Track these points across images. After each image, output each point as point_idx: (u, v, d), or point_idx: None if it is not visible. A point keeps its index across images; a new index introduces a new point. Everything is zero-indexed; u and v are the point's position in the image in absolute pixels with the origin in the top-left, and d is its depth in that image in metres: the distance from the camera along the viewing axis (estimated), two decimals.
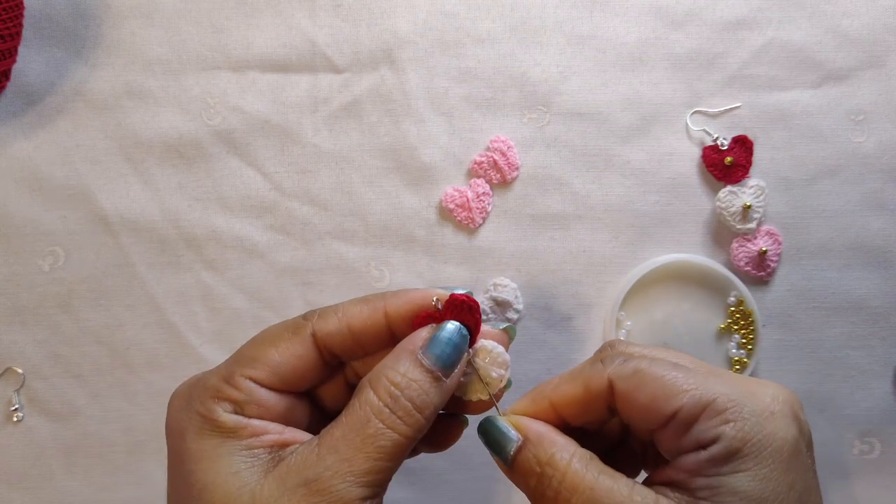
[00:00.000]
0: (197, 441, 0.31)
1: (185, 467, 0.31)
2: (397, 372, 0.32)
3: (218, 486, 0.30)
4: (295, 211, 0.55)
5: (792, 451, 0.30)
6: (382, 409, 0.31)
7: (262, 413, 0.32)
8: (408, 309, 0.34)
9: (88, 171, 0.55)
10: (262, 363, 0.33)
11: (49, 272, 0.55)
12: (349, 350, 0.35)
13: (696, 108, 0.56)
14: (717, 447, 0.30)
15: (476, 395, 0.35)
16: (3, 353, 0.54)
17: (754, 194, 0.55)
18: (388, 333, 0.35)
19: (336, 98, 0.56)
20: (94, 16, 0.56)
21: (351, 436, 0.31)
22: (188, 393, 0.33)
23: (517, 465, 0.33)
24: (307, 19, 0.56)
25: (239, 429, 0.31)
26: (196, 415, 0.32)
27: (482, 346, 0.35)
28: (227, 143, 0.56)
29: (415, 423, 0.31)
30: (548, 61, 0.56)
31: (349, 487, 0.30)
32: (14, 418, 0.54)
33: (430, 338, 0.33)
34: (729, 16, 0.56)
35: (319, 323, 0.34)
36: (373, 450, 0.30)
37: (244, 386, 0.32)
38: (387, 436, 0.31)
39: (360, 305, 0.35)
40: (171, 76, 0.56)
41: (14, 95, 0.55)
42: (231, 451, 0.31)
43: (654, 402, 0.31)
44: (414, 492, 0.54)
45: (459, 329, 0.33)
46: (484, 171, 0.55)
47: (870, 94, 0.56)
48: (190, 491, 0.31)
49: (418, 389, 0.32)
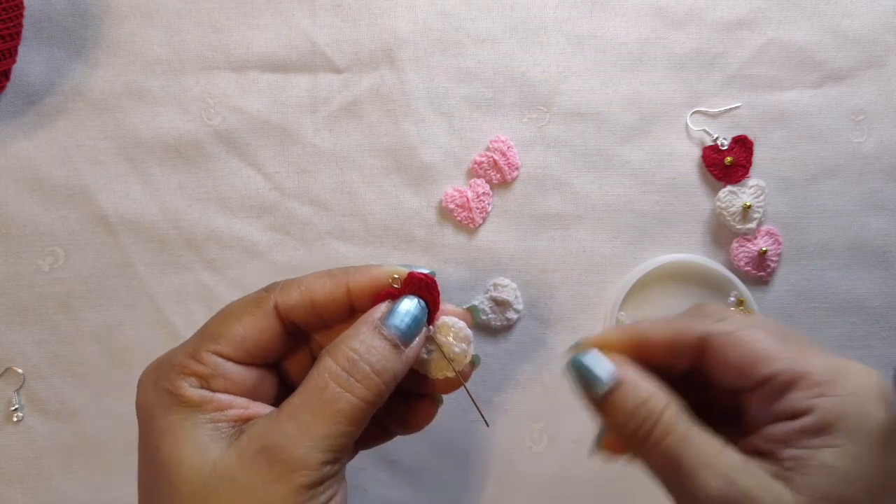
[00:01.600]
0: (163, 417, 0.31)
1: (152, 443, 0.31)
2: (357, 340, 0.32)
3: (183, 460, 0.30)
4: (295, 211, 0.55)
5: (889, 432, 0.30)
6: (340, 374, 0.31)
7: (228, 386, 0.33)
8: (370, 285, 0.35)
9: (88, 171, 0.55)
10: (226, 338, 0.33)
11: (49, 272, 0.55)
12: (311, 322, 0.35)
13: (696, 108, 0.56)
14: (811, 418, 0.29)
15: (442, 373, 0.36)
16: (3, 353, 0.54)
17: (754, 194, 0.55)
18: (349, 307, 0.35)
19: (336, 98, 0.56)
20: (94, 16, 0.56)
21: (309, 402, 0.31)
22: (156, 371, 0.33)
23: (611, 402, 0.32)
24: (307, 19, 0.56)
25: (204, 403, 0.31)
26: (163, 391, 0.32)
27: (444, 323, 0.35)
28: (227, 143, 0.56)
29: (373, 387, 0.32)
30: (548, 61, 0.56)
31: (308, 452, 0.30)
32: (14, 418, 0.54)
33: (390, 310, 0.34)
34: (729, 16, 0.56)
35: (281, 296, 0.34)
36: (330, 413, 0.31)
37: (209, 361, 0.32)
38: (345, 399, 0.31)
39: (323, 279, 0.35)
40: (171, 76, 0.56)
41: (14, 95, 0.55)
42: (196, 424, 0.31)
43: (748, 363, 0.31)
44: (414, 491, 0.54)
45: (418, 301, 0.34)
46: (484, 171, 0.55)
47: (870, 94, 0.56)
48: (157, 466, 0.31)
49: (377, 355, 0.32)
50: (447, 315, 0.36)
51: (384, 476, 0.54)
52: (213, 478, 0.30)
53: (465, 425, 0.54)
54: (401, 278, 0.34)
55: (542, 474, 0.54)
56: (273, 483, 0.29)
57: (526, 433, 0.55)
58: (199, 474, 0.30)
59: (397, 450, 0.54)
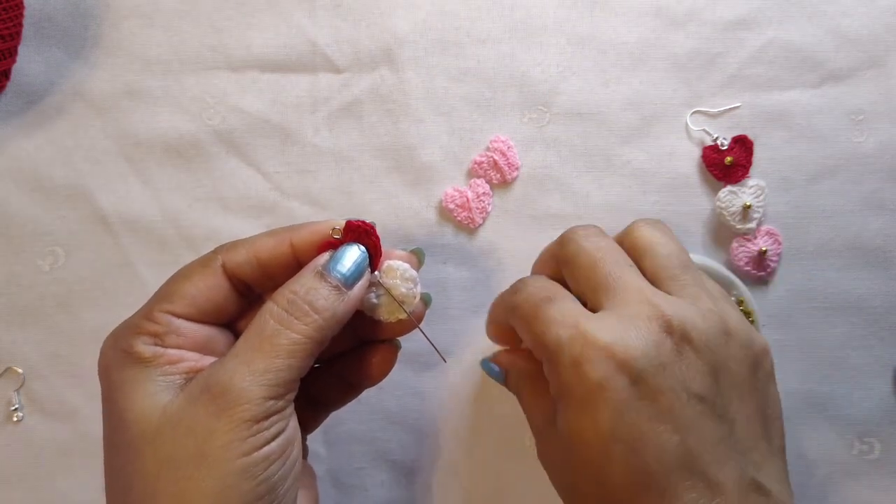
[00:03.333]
0: (119, 373, 0.33)
1: (110, 398, 0.33)
2: (298, 284, 0.34)
3: (135, 407, 0.32)
4: (295, 211, 0.55)
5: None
6: (280, 312, 0.33)
7: (182, 343, 0.34)
8: (312, 239, 0.36)
9: (88, 171, 0.55)
10: (177, 296, 0.35)
11: (49, 272, 0.55)
12: (259, 280, 0.36)
13: (696, 108, 0.56)
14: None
15: (394, 315, 0.37)
16: (3, 353, 0.54)
17: (754, 194, 0.55)
18: (295, 263, 0.36)
19: (336, 98, 0.56)
20: (94, 16, 0.56)
21: (250, 340, 0.32)
22: (114, 336, 0.35)
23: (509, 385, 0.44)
24: (307, 19, 0.56)
25: (156, 357, 0.33)
26: (119, 351, 0.33)
27: (388, 266, 0.37)
28: (227, 143, 0.56)
29: (312, 323, 0.33)
30: (548, 61, 0.56)
31: (248, 386, 0.31)
32: (14, 418, 0.54)
33: (331, 257, 0.35)
34: (729, 16, 0.56)
35: (228, 255, 0.36)
36: (270, 348, 0.32)
37: (162, 319, 0.34)
38: (284, 334, 0.32)
39: (267, 237, 0.36)
40: (171, 76, 0.56)
41: (14, 95, 0.55)
42: (148, 377, 0.32)
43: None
44: (414, 492, 0.54)
45: (358, 247, 0.35)
46: (484, 171, 0.55)
47: (870, 94, 0.56)
48: (112, 417, 0.33)
49: (317, 295, 0.33)
50: (391, 259, 0.37)
51: (384, 477, 0.54)
52: (162, 420, 0.31)
53: (465, 426, 0.54)
54: (341, 229, 0.36)
55: (542, 474, 0.54)
56: (216, 417, 0.30)
57: (526, 433, 0.54)
58: (150, 419, 0.31)
59: (397, 450, 0.55)
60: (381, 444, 0.55)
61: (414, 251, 0.39)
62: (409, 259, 0.38)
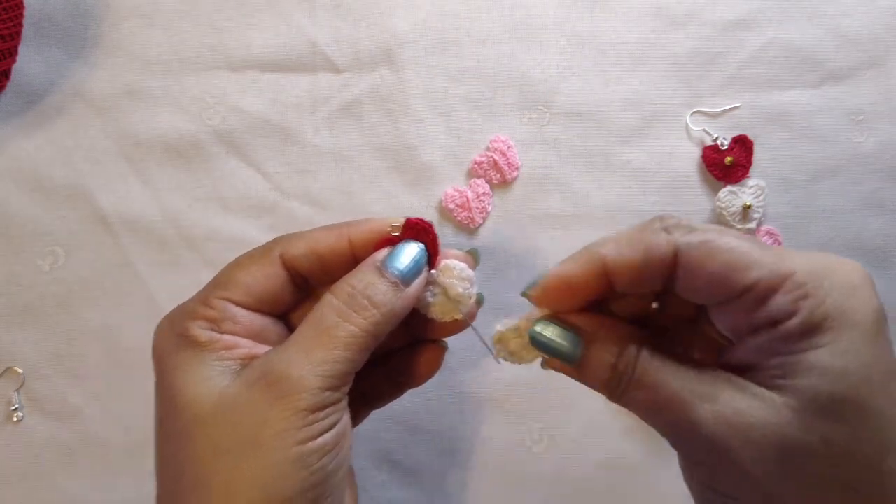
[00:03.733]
0: (173, 357, 0.33)
1: (163, 381, 0.33)
2: (357, 279, 0.34)
3: (189, 391, 0.32)
4: (295, 211, 0.55)
5: (876, 322, 0.28)
6: (339, 305, 0.33)
7: (237, 330, 0.34)
8: (369, 235, 0.36)
9: (88, 171, 0.55)
10: (234, 284, 0.35)
11: (49, 272, 0.55)
12: (315, 273, 0.36)
13: (696, 108, 0.56)
14: (794, 322, 0.28)
15: (449, 315, 0.37)
16: (3, 353, 0.54)
17: (754, 194, 0.55)
18: (351, 258, 0.36)
19: (336, 98, 0.56)
20: (94, 16, 0.56)
21: (309, 331, 0.32)
22: (169, 319, 0.35)
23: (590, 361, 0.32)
24: (307, 19, 0.56)
25: (211, 343, 0.33)
26: (174, 335, 0.33)
27: (445, 266, 0.36)
28: (227, 143, 0.56)
29: (370, 318, 0.33)
30: (548, 61, 0.56)
31: (306, 376, 0.31)
32: (14, 418, 0.54)
33: (390, 253, 0.35)
34: (729, 16, 0.56)
35: (287, 246, 0.36)
36: (328, 339, 0.32)
37: (219, 305, 0.34)
38: (342, 327, 0.32)
39: (326, 231, 0.36)
40: (171, 76, 0.56)
41: (14, 95, 0.55)
42: (203, 361, 0.32)
43: (728, 272, 0.29)
44: (414, 492, 0.54)
45: (417, 244, 0.35)
46: (484, 171, 0.55)
47: (870, 94, 0.56)
48: (166, 400, 0.33)
49: (375, 290, 0.33)
50: (448, 259, 0.37)
51: (385, 477, 0.54)
52: (217, 405, 0.31)
53: (465, 426, 0.54)
54: (399, 226, 0.36)
55: (542, 474, 0.54)
56: (273, 404, 0.30)
57: (526, 433, 0.55)
58: (204, 403, 0.31)
59: (398, 450, 0.54)
60: (382, 444, 0.55)
61: (470, 251, 0.38)
62: (465, 259, 0.37)
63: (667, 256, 0.30)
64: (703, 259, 0.29)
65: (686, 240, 0.30)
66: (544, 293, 0.33)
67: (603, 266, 0.31)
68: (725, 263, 0.29)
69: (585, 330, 0.32)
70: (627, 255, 0.30)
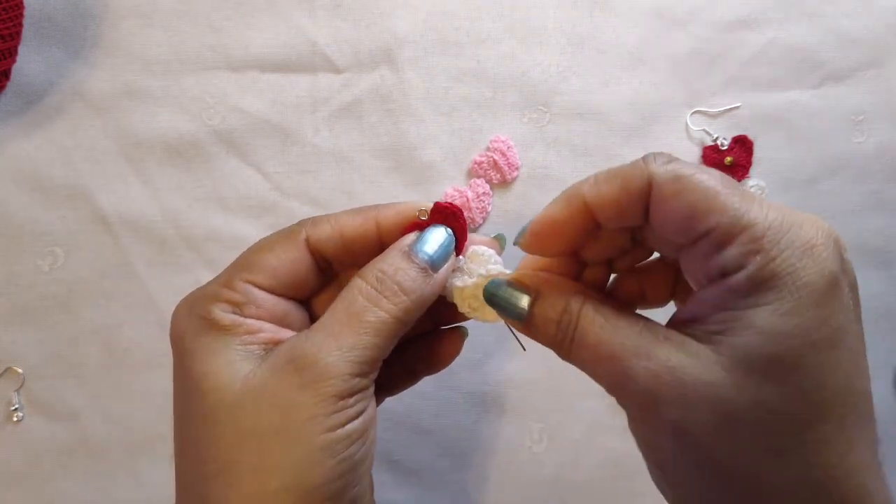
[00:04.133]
0: (195, 340, 0.32)
1: (184, 365, 0.32)
2: (387, 263, 0.33)
3: (212, 375, 0.31)
4: (295, 211, 0.55)
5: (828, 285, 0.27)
6: (369, 290, 0.32)
7: (260, 314, 0.33)
8: (397, 219, 0.35)
9: (88, 171, 0.55)
10: (258, 267, 0.34)
11: (49, 272, 0.55)
12: (341, 257, 0.36)
13: (696, 108, 0.56)
14: (740, 275, 0.27)
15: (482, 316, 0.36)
16: (3, 353, 0.54)
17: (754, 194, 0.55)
18: (378, 242, 0.35)
19: (336, 98, 0.56)
20: (94, 16, 0.56)
21: (338, 315, 0.32)
22: (189, 302, 0.34)
23: (535, 318, 0.32)
24: (307, 19, 0.56)
25: (235, 326, 0.32)
26: (196, 317, 0.32)
27: (473, 252, 0.36)
28: (227, 143, 0.56)
29: (400, 303, 0.32)
30: (548, 61, 0.56)
31: (336, 361, 0.30)
32: (14, 418, 0.54)
33: (418, 238, 0.34)
34: (729, 16, 0.56)
35: (313, 229, 0.35)
36: (358, 324, 0.31)
37: (242, 288, 0.33)
38: (372, 311, 0.31)
39: (352, 215, 0.36)
40: (171, 76, 0.56)
41: (14, 95, 0.55)
42: (227, 345, 0.31)
43: (690, 212, 0.28)
44: (414, 492, 0.54)
45: (445, 229, 0.35)
46: (484, 171, 0.55)
47: (870, 94, 0.56)
48: (189, 384, 0.31)
49: (405, 276, 0.33)
50: (475, 245, 0.36)
51: (385, 477, 0.54)
52: (243, 390, 0.30)
53: (466, 426, 0.55)
54: (427, 210, 0.35)
55: (542, 474, 0.54)
56: (301, 390, 0.30)
57: (526, 433, 0.55)
58: (230, 388, 0.30)
59: (399, 450, 0.54)
60: (382, 444, 0.54)
61: (496, 237, 0.37)
62: (491, 244, 0.37)
63: (642, 186, 0.30)
64: (672, 194, 0.29)
65: (660, 171, 0.29)
66: (533, 238, 0.33)
67: (584, 203, 0.31)
68: (691, 203, 0.28)
69: (532, 288, 0.33)
70: (605, 190, 0.31)
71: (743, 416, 0.27)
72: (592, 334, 0.30)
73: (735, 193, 0.28)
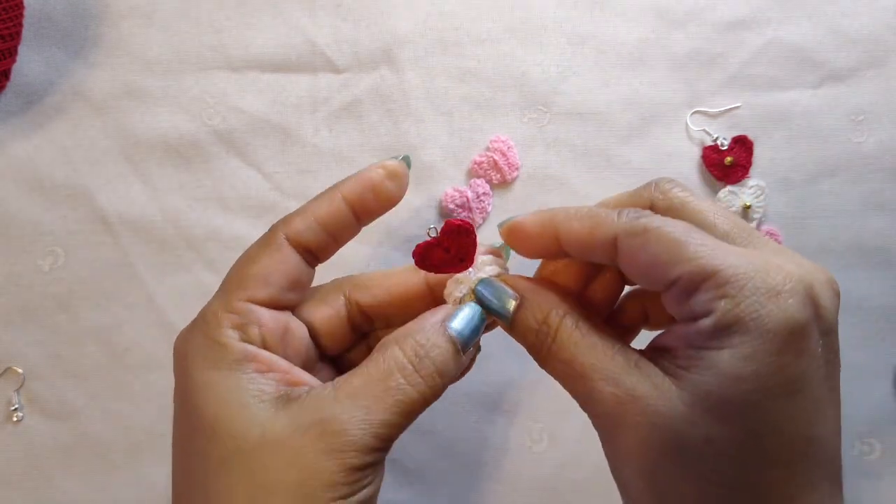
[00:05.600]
0: (203, 373, 0.31)
1: (192, 401, 0.31)
2: (424, 335, 0.33)
3: (228, 419, 0.30)
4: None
5: (790, 333, 0.27)
6: (406, 366, 0.32)
7: (264, 333, 0.33)
8: (360, 185, 0.36)
9: (88, 171, 0.55)
10: (251, 281, 0.34)
11: (49, 272, 0.55)
12: (323, 244, 0.36)
13: (696, 108, 0.56)
14: (707, 321, 0.28)
15: None
16: (3, 353, 0.54)
17: (754, 194, 0.55)
18: (351, 218, 0.36)
19: (336, 98, 0.56)
20: (94, 16, 0.56)
21: (372, 386, 0.31)
22: (191, 330, 0.34)
23: (517, 323, 0.33)
24: (307, 19, 0.56)
25: (246, 360, 0.31)
26: (202, 347, 0.32)
27: (481, 262, 0.36)
28: (227, 143, 0.56)
29: (434, 386, 0.32)
30: (548, 61, 0.56)
31: (364, 435, 0.30)
32: (14, 418, 0.54)
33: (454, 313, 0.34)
34: (729, 16, 0.56)
35: (288, 227, 0.35)
36: (392, 402, 0.31)
37: (242, 308, 0.33)
38: (407, 392, 0.31)
39: (318, 201, 0.36)
40: (171, 76, 0.56)
41: (14, 95, 0.55)
42: (239, 384, 0.31)
43: (655, 265, 0.30)
44: (414, 492, 0.54)
45: (481, 311, 0.34)
46: (484, 171, 0.55)
47: (870, 94, 0.56)
48: (199, 423, 0.31)
49: (441, 355, 0.32)
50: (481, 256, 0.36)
51: (386, 477, 0.54)
52: (262, 442, 0.30)
53: (465, 426, 0.54)
54: (437, 228, 0.35)
55: (542, 474, 0.54)
56: (326, 456, 0.29)
57: (526, 433, 0.55)
58: (247, 435, 0.30)
59: (399, 450, 0.54)
60: None
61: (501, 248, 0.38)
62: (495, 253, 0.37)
63: (608, 239, 0.31)
64: (637, 249, 0.30)
65: (628, 227, 0.31)
66: (507, 232, 0.35)
67: (554, 230, 0.33)
68: (655, 255, 0.30)
69: (519, 292, 0.34)
70: (576, 228, 0.33)
71: (695, 452, 0.28)
72: (567, 350, 0.31)
73: (701, 242, 0.29)
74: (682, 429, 0.28)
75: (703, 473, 0.28)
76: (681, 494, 0.29)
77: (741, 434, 0.28)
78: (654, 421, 0.29)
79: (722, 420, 0.28)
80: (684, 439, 0.28)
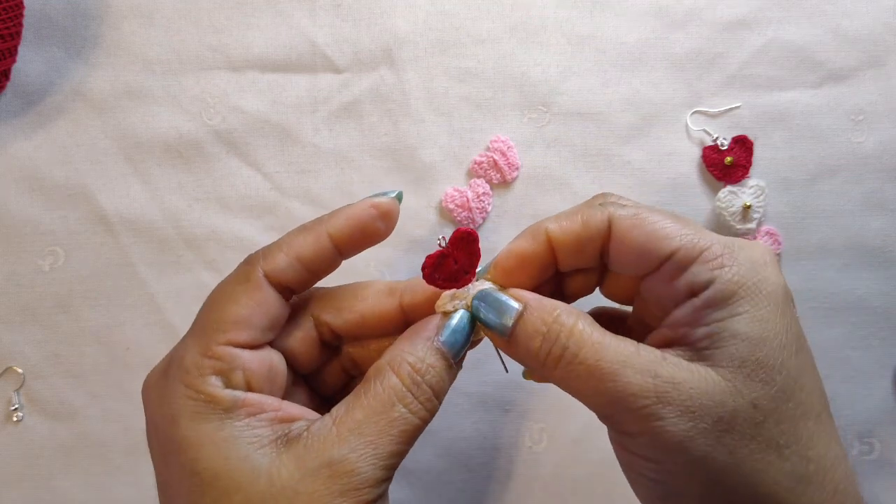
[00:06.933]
0: (193, 427, 0.30)
1: (184, 457, 0.30)
2: (416, 357, 0.32)
3: (229, 474, 0.29)
4: (295, 211, 0.55)
5: (786, 296, 0.31)
6: (406, 394, 0.31)
7: (248, 377, 0.32)
8: (348, 225, 0.35)
9: (88, 171, 0.55)
10: (230, 323, 0.32)
11: (49, 272, 0.55)
12: (303, 281, 0.35)
13: (696, 108, 0.56)
14: (712, 290, 0.30)
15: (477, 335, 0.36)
16: (3, 353, 0.54)
17: (754, 194, 0.55)
18: (335, 255, 0.35)
19: (336, 98, 0.56)
20: (94, 16, 0.56)
21: (375, 418, 0.31)
22: (165, 379, 0.32)
23: (520, 330, 0.32)
24: (307, 19, 0.56)
25: (236, 407, 0.30)
26: (185, 399, 0.30)
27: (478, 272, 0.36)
28: (227, 143, 0.56)
29: (432, 409, 0.32)
30: (548, 61, 0.56)
31: (374, 470, 0.30)
32: (14, 418, 0.54)
33: (443, 325, 0.33)
34: (729, 16, 0.56)
35: (267, 263, 0.34)
36: (397, 433, 0.31)
37: (224, 353, 0.31)
38: (409, 420, 0.31)
39: (302, 235, 0.35)
40: (171, 76, 0.56)
41: (14, 95, 0.55)
42: (233, 433, 0.30)
43: (650, 242, 0.32)
44: (414, 492, 0.54)
45: (469, 317, 0.34)
46: (484, 171, 0.55)
47: (870, 94, 0.56)
48: (197, 479, 0.30)
49: (436, 375, 0.32)
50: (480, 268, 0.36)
51: None
52: (270, 489, 0.29)
53: (465, 426, 0.55)
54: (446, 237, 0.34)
55: (542, 474, 0.54)
56: (339, 497, 0.29)
57: (526, 433, 0.55)
58: (253, 485, 0.29)
59: None
60: None
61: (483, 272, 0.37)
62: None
63: (602, 226, 0.33)
64: (632, 228, 0.32)
65: (618, 212, 0.33)
66: (499, 271, 0.35)
67: (548, 239, 0.34)
68: (650, 232, 0.32)
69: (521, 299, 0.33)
70: (568, 227, 0.33)
71: (746, 419, 0.29)
72: (589, 349, 0.30)
73: (686, 225, 0.32)
74: (728, 401, 0.29)
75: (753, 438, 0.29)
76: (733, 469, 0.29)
77: (778, 391, 0.29)
78: (701, 402, 0.29)
79: (762, 382, 0.29)
80: (734, 411, 0.29)
